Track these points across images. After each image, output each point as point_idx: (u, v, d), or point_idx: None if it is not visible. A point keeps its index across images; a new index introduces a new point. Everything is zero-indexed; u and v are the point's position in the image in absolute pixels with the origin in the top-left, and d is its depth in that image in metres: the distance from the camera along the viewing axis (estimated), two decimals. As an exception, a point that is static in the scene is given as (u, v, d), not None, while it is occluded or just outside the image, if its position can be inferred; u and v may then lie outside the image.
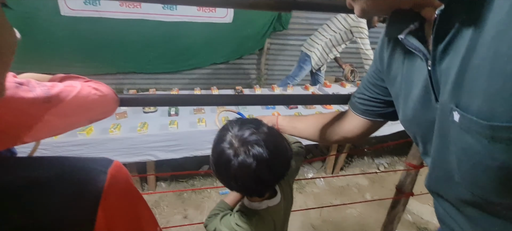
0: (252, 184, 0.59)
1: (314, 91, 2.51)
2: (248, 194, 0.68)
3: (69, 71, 0.55)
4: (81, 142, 1.63)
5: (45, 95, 0.46)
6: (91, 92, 0.55)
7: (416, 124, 0.47)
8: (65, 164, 0.28)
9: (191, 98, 0.71)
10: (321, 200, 2.16)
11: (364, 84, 0.64)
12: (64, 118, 0.51)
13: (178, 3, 0.51)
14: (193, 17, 2.93)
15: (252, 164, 0.56)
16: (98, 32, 2.78)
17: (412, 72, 0.45)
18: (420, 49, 0.41)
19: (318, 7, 0.56)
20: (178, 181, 2.21)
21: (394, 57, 0.51)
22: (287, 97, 0.78)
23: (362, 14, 0.43)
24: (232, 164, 0.57)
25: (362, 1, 0.42)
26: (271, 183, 0.64)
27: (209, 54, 3.26)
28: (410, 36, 0.42)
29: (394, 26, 0.45)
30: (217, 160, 0.60)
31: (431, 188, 0.49)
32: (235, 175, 0.57)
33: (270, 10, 0.72)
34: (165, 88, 3.36)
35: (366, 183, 2.39)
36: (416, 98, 0.44)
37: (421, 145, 0.48)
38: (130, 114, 1.89)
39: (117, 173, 0.30)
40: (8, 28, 0.27)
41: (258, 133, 0.59)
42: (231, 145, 0.58)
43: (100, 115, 0.60)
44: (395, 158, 2.73)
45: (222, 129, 0.64)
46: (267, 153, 0.56)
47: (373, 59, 0.60)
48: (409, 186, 1.29)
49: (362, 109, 0.65)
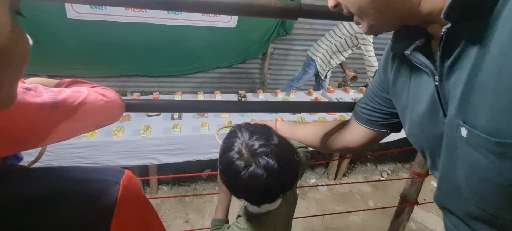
0: (259, 194, 0.59)
1: (317, 97, 2.50)
2: (255, 203, 0.67)
3: (74, 73, 0.56)
4: (85, 144, 1.64)
5: (52, 101, 0.46)
6: (97, 98, 0.55)
7: (424, 138, 0.47)
8: (78, 175, 0.28)
9: (196, 104, 0.71)
10: (323, 206, 2.14)
11: (368, 95, 0.64)
12: (71, 123, 0.52)
13: (185, 9, 0.52)
14: (197, 21, 2.95)
15: (262, 175, 0.55)
16: (104, 35, 2.81)
17: (419, 87, 0.45)
18: (427, 65, 0.41)
19: (325, 15, 0.56)
20: (180, 185, 2.21)
21: (400, 72, 0.51)
22: (292, 105, 0.78)
23: (369, 31, 0.44)
24: (242, 175, 0.56)
25: (369, 18, 0.42)
26: (279, 194, 0.64)
27: (213, 58, 3.27)
28: (416, 52, 0.43)
29: (400, 41, 0.45)
30: (226, 168, 0.59)
31: (439, 202, 0.48)
32: (245, 186, 0.57)
33: (277, 18, 0.73)
34: (168, 91, 3.38)
35: (369, 189, 2.37)
36: (423, 113, 0.45)
37: (429, 159, 0.48)
38: (134, 117, 1.90)
39: (129, 184, 0.30)
40: (22, 36, 0.27)
41: (268, 144, 0.58)
42: (241, 155, 0.58)
43: (106, 121, 0.60)
44: (399, 165, 2.71)
45: (231, 134, 0.63)
46: (277, 164, 0.56)
47: (378, 71, 0.61)
48: (414, 195, 1.27)
49: (366, 119, 0.64)
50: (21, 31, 0.27)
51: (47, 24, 2.62)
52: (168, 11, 2.81)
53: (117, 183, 0.29)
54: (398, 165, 2.70)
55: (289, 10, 0.53)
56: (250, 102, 0.71)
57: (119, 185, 0.29)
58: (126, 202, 0.28)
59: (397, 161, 2.73)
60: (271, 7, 0.52)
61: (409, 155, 2.78)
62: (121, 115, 0.64)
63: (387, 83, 0.57)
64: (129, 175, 0.30)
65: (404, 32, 0.44)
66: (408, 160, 2.74)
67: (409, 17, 0.40)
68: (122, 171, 0.30)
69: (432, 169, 0.49)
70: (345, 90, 2.68)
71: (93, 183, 0.28)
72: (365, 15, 0.42)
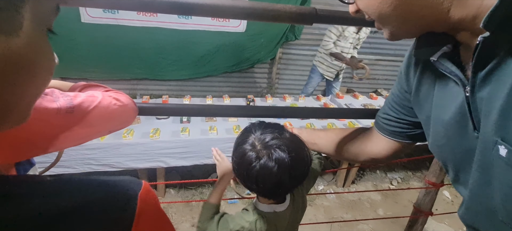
0: (271, 187, 0.60)
1: (326, 102, 2.48)
2: (266, 196, 0.69)
3: (85, 76, 0.57)
4: (95, 146, 1.66)
5: (68, 105, 0.47)
6: (111, 102, 0.55)
7: (449, 150, 0.44)
8: (95, 189, 0.27)
9: (208, 109, 0.71)
10: (331, 214, 2.10)
11: (388, 104, 0.62)
12: (85, 128, 0.52)
13: (201, 14, 0.52)
14: (207, 26, 2.98)
15: (274, 167, 0.57)
16: (115, 39, 2.86)
17: (445, 96, 0.43)
18: (456, 73, 0.39)
19: (340, 20, 0.55)
20: (187, 188, 2.21)
21: (423, 79, 0.49)
22: (302, 110, 0.77)
23: (391, 37, 0.42)
24: (254, 166, 0.58)
25: (391, 25, 0.40)
26: (290, 188, 0.66)
27: (222, 62, 3.29)
28: (443, 59, 0.40)
29: (424, 47, 0.43)
30: (239, 161, 0.61)
31: (466, 221, 0.46)
32: (257, 177, 0.59)
33: (292, 23, 0.72)
34: (177, 94, 3.41)
35: (379, 198, 2.32)
36: (449, 124, 0.42)
37: (452, 172, 0.46)
38: (143, 120, 1.91)
39: (147, 197, 0.29)
40: (50, 53, 0.27)
41: (280, 138, 0.60)
42: (253, 147, 0.60)
43: (119, 125, 0.60)
44: (409, 173, 2.65)
45: (245, 130, 0.65)
46: (289, 158, 0.58)
47: (398, 78, 0.58)
48: (428, 205, 1.23)
49: (389, 130, 0.61)
50: (50, 48, 0.27)
51: (61, 27, 2.68)
52: (178, 15, 2.85)
53: (134, 197, 0.28)
54: (409, 173, 2.64)
55: (305, 15, 0.53)
56: (261, 108, 0.71)
57: (137, 199, 0.28)
58: (144, 216, 0.27)
59: (407, 169, 2.67)
60: (286, 12, 0.51)
61: (420, 163, 2.71)
62: (133, 119, 0.64)
63: (409, 91, 0.54)
64: (147, 187, 0.29)
65: (428, 37, 0.42)
66: (419, 168, 2.68)
67: (436, 24, 0.38)
68: (140, 183, 0.29)
69: (456, 183, 0.46)
70: (354, 96, 2.65)
71: (111, 196, 0.27)
72: (387, 22, 0.40)
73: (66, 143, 0.51)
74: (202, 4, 0.50)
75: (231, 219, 0.71)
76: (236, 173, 0.65)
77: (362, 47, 3.62)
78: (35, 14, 0.24)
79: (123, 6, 0.54)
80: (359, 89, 3.78)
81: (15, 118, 0.26)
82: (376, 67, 3.81)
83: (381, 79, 3.92)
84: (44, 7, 0.26)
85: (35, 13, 0.24)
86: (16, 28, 0.22)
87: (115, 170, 1.75)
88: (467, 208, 0.43)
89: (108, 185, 0.27)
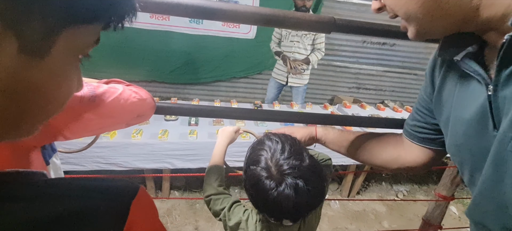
0: (286, 212, 0.56)
1: (333, 110, 2.48)
2: (276, 220, 0.63)
3: (95, 76, 0.58)
4: (104, 144, 1.68)
5: (91, 94, 0.48)
6: (131, 95, 0.57)
7: (467, 150, 0.44)
8: (91, 194, 0.26)
9: (223, 111, 0.72)
10: (335, 224, 2.08)
11: (415, 109, 0.60)
12: (105, 118, 0.53)
13: (220, 19, 0.53)
14: (217, 31, 3.02)
15: (291, 195, 0.53)
16: (127, 41, 2.93)
17: (466, 95, 0.43)
18: (479, 72, 0.39)
19: (359, 30, 0.57)
20: (192, 191, 2.21)
21: (447, 80, 0.48)
22: (313, 116, 0.77)
23: (416, 36, 0.41)
24: (270, 193, 0.54)
25: (417, 23, 0.39)
26: (306, 213, 0.61)
27: (230, 68, 3.33)
28: (467, 59, 0.40)
29: (449, 47, 0.43)
30: (252, 183, 0.57)
31: (474, 217, 0.45)
32: (274, 203, 0.55)
33: (311, 31, 0.73)
34: (184, 97, 3.44)
35: (384, 209, 2.29)
36: (469, 123, 0.42)
37: (468, 173, 0.46)
38: (152, 121, 1.94)
39: (140, 205, 0.28)
40: (69, 77, 0.26)
41: (299, 166, 0.55)
42: (269, 173, 0.55)
43: (137, 118, 0.62)
44: (415, 186, 2.61)
45: (259, 145, 0.60)
46: (307, 187, 0.54)
47: (425, 82, 0.57)
48: (438, 218, 1.21)
49: (420, 137, 0.59)
50: (77, 75, 0.27)
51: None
52: (190, 20, 2.90)
53: (127, 206, 0.26)
54: (415, 186, 2.61)
55: (324, 24, 0.54)
56: (277, 112, 0.72)
57: (129, 208, 0.26)
58: (136, 227, 0.26)
59: (414, 182, 2.64)
60: (306, 20, 0.53)
61: (427, 177, 2.68)
62: (151, 115, 0.66)
63: (433, 94, 0.53)
64: (142, 194, 0.28)
65: (454, 38, 0.41)
66: (426, 181, 2.64)
67: (463, 23, 0.37)
68: (135, 189, 0.27)
69: (471, 185, 0.46)
70: (361, 106, 2.65)
71: (100, 204, 0.25)
72: (414, 20, 0.39)
73: (87, 131, 0.53)
74: (224, 9, 0.52)
75: (244, 209, 0.69)
76: (247, 192, 0.61)
77: (369, 59, 3.65)
78: (70, 43, 0.23)
79: (147, 9, 0.56)
80: (366, 100, 3.78)
81: (22, 133, 0.25)
82: (383, 78, 3.81)
83: (388, 90, 3.91)
84: (83, 39, 0.25)
85: (70, 42, 0.23)
86: (42, 53, 0.21)
87: (122, 169, 1.77)
88: (476, 204, 0.43)
89: (101, 192, 0.26)
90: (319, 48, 2.53)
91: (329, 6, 3.18)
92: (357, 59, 3.64)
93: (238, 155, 1.82)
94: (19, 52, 0.19)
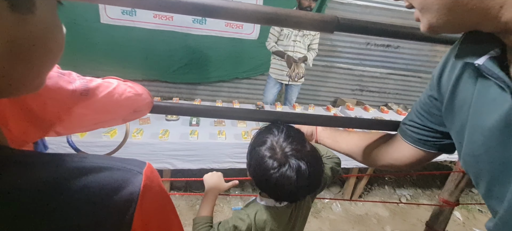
0: (287, 194, 0.62)
1: (336, 112, 2.46)
2: (277, 200, 0.69)
3: (99, 75, 0.57)
4: (105, 143, 1.68)
5: (83, 88, 0.47)
6: (126, 89, 0.56)
7: (487, 161, 0.41)
8: (101, 162, 0.27)
9: (224, 111, 0.71)
10: (337, 227, 2.05)
11: (415, 111, 0.59)
12: (99, 113, 0.52)
13: (222, 17, 0.52)
14: (220, 31, 3.02)
15: (293, 177, 0.58)
16: (131, 40, 2.94)
17: (486, 102, 0.40)
18: (503, 79, 0.36)
19: (363, 30, 0.55)
20: (192, 191, 2.20)
21: (460, 86, 0.45)
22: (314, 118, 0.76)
23: (429, 29, 0.38)
24: (272, 173, 0.59)
25: (432, 15, 0.37)
26: (304, 196, 0.67)
27: (233, 68, 3.32)
28: (490, 63, 0.37)
29: (469, 50, 0.40)
30: (256, 163, 0.62)
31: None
32: (276, 184, 0.60)
33: (314, 30, 0.71)
34: (187, 97, 3.44)
35: (387, 214, 2.26)
36: (490, 133, 0.39)
37: (485, 186, 0.43)
38: (153, 120, 1.93)
39: (152, 174, 0.29)
40: (59, 27, 0.28)
41: (301, 150, 0.61)
42: (273, 153, 0.60)
43: (133, 114, 0.60)
44: (419, 190, 2.58)
45: (265, 130, 0.65)
46: (308, 170, 0.59)
47: (429, 86, 0.55)
48: (442, 224, 1.19)
49: (415, 138, 0.59)
50: (59, 21, 0.28)
51: (81, 26, 2.78)
52: (193, 19, 2.90)
53: (140, 173, 0.28)
54: (418, 191, 2.57)
55: (327, 23, 0.52)
56: (279, 113, 0.70)
57: (142, 174, 0.28)
58: (149, 192, 0.27)
59: (417, 186, 2.60)
60: (309, 19, 0.51)
61: (431, 182, 2.64)
62: (148, 110, 0.65)
63: (440, 100, 0.51)
64: (151, 166, 0.29)
65: (474, 39, 0.39)
66: (429, 186, 2.61)
67: (482, 21, 0.35)
68: (144, 162, 0.30)
69: (488, 198, 0.43)
70: (365, 108, 2.62)
71: (115, 170, 0.27)
72: (428, 11, 0.37)
73: (81, 126, 0.52)
74: (226, 7, 0.51)
75: (230, 218, 0.72)
76: (251, 173, 0.65)
77: (373, 61, 3.62)
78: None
79: (147, 5, 0.55)
80: (369, 102, 3.75)
81: (31, 86, 0.28)
82: (387, 81, 3.78)
83: (392, 93, 3.87)
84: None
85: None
86: (30, 6, 0.23)
87: (123, 169, 1.77)
88: (505, 222, 0.40)
89: (112, 160, 0.28)
90: (313, 48, 2.57)
91: (333, 7, 3.16)
92: (360, 61, 3.61)
93: (241, 156, 1.81)
94: (12, 11, 0.22)
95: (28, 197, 0.22)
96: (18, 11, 0.22)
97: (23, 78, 0.26)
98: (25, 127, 0.41)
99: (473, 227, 2.24)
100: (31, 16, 0.23)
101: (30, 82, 0.27)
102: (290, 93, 2.70)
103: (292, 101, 2.71)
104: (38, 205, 0.22)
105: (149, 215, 0.27)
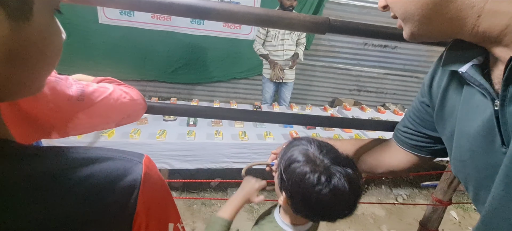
0: (341, 206, 0.53)
1: (333, 113, 2.47)
2: (315, 219, 0.60)
3: (96, 74, 0.58)
4: (102, 144, 1.68)
5: (79, 93, 0.48)
6: (121, 95, 0.57)
7: (473, 167, 0.42)
8: (102, 153, 0.29)
9: (215, 111, 0.71)
10: (333, 227, 2.06)
11: (408, 117, 0.60)
12: (94, 117, 0.53)
13: (215, 19, 0.53)
14: (218, 32, 3.03)
15: (345, 187, 0.51)
16: (129, 41, 2.94)
17: (470, 109, 0.41)
18: (485, 86, 0.37)
19: (354, 31, 0.56)
20: (190, 192, 2.21)
21: (449, 93, 0.46)
22: (313, 118, 0.77)
23: (411, 37, 0.40)
24: (320, 189, 0.51)
25: (413, 24, 0.38)
26: (348, 213, 0.56)
27: (230, 68, 3.33)
28: (472, 71, 0.38)
29: (454, 58, 0.41)
30: (297, 182, 0.53)
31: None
32: (328, 201, 0.51)
33: (305, 31, 0.72)
34: (185, 98, 3.44)
35: (383, 213, 2.27)
36: (475, 139, 0.40)
37: (473, 190, 0.44)
38: (151, 121, 1.94)
39: (150, 164, 0.31)
40: (57, 32, 0.29)
41: (340, 155, 0.55)
42: (314, 165, 0.53)
43: (127, 119, 0.61)
44: (415, 190, 2.59)
45: (293, 146, 0.58)
46: (357, 174, 0.53)
47: (420, 92, 0.56)
48: (435, 223, 1.20)
49: (410, 144, 0.59)
50: (58, 27, 0.29)
51: (79, 27, 2.79)
52: (191, 20, 2.91)
53: (140, 162, 0.30)
54: (415, 190, 2.59)
55: (318, 24, 0.53)
56: (276, 113, 0.71)
57: (142, 164, 0.30)
58: (149, 179, 0.29)
59: (413, 186, 2.61)
60: (300, 20, 0.52)
61: (427, 180, 2.66)
62: (141, 115, 0.65)
63: (431, 106, 0.52)
64: (148, 157, 0.31)
65: (459, 47, 0.40)
66: (426, 185, 2.62)
67: (461, 31, 0.36)
68: (141, 154, 0.31)
69: (476, 202, 0.44)
70: (362, 108, 2.64)
71: (118, 160, 0.28)
72: (410, 21, 0.39)
73: (75, 130, 0.52)
74: (218, 9, 0.52)
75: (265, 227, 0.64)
76: (289, 195, 0.56)
77: (370, 61, 3.63)
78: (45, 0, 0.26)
79: (141, 7, 0.56)
80: (367, 102, 3.76)
81: (29, 90, 0.29)
82: (385, 81, 3.80)
83: (389, 93, 3.89)
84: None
85: None
86: (27, 14, 0.24)
87: (120, 169, 1.77)
88: (486, 224, 0.41)
89: (113, 151, 0.30)
90: (302, 43, 2.62)
91: (330, 8, 3.18)
92: (358, 61, 3.63)
93: (238, 156, 1.82)
94: (9, 20, 0.22)
95: (40, 185, 0.24)
96: (15, 19, 0.23)
97: (21, 82, 0.27)
98: (22, 130, 0.42)
99: (469, 226, 2.26)
100: (27, 23, 0.24)
101: (28, 86, 0.28)
102: (283, 91, 2.75)
103: (287, 100, 2.75)
104: (49, 192, 0.24)
105: (150, 200, 0.30)
